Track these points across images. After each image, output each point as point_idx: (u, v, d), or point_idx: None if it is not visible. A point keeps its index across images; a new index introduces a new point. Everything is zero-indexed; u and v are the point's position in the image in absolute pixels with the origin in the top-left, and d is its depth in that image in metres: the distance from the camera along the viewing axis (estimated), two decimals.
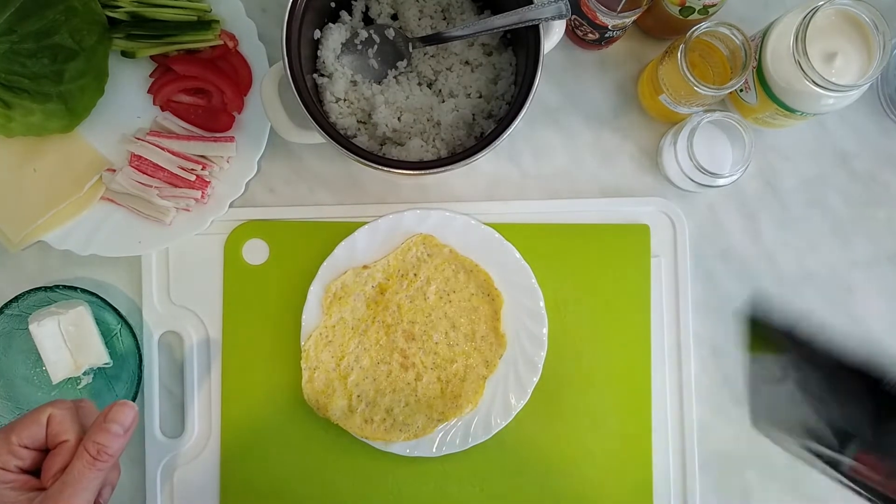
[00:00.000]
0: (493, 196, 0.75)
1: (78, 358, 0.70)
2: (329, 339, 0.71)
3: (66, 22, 0.65)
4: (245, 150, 0.72)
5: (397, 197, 0.75)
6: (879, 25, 0.61)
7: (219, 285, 0.73)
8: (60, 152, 0.72)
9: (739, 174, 0.68)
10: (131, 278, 0.74)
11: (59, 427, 0.51)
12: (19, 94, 0.65)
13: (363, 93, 0.69)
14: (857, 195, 0.75)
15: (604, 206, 0.74)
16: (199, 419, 0.73)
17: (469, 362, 0.71)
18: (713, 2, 0.65)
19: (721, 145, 0.72)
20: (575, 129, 0.76)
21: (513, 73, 0.70)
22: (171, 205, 0.71)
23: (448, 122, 0.68)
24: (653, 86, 0.70)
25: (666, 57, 0.67)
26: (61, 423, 0.51)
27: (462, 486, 0.72)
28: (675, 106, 0.69)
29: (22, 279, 0.74)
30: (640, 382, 0.72)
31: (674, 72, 0.65)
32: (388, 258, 0.71)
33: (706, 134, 0.71)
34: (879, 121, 0.76)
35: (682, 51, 0.63)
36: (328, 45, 0.68)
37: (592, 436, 0.72)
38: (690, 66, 0.63)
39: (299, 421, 0.72)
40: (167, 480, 0.72)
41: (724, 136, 0.72)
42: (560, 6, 0.60)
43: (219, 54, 0.72)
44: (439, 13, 0.71)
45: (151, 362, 0.73)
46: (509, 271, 0.71)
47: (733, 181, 0.69)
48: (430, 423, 0.70)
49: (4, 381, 0.70)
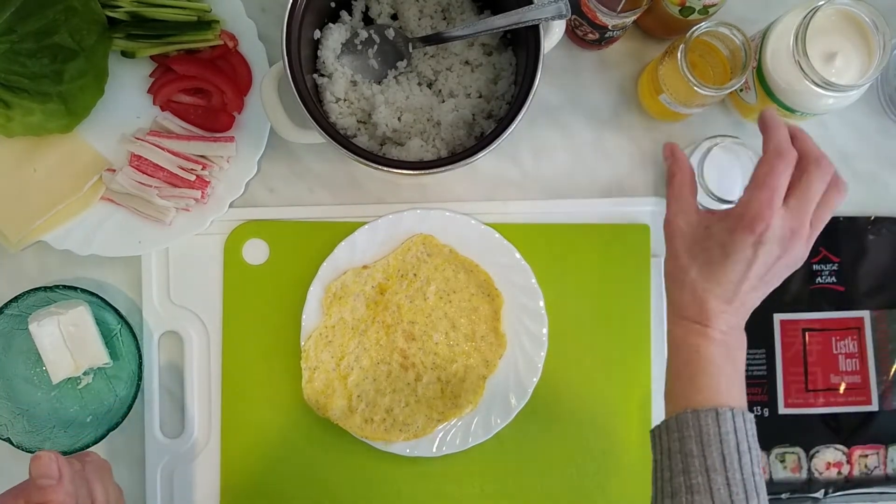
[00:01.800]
0: (493, 196, 0.75)
1: (78, 358, 0.70)
2: (329, 339, 0.71)
3: (65, 22, 0.65)
4: (245, 150, 0.72)
5: (397, 197, 0.75)
6: (879, 25, 0.61)
7: (219, 285, 0.73)
8: (60, 152, 0.72)
9: None
10: (131, 278, 0.74)
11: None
12: (19, 93, 0.65)
13: (363, 93, 0.69)
14: (858, 195, 0.75)
15: (604, 206, 0.74)
16: (199, 419, 0.73)
17: (469, 362, 0.71)
18: (713, 2, 0.65)
19: (731, 170, 0.71)
20: (575, 129, 0.76)
21: (513, 73, 0.70)
22: (171, 205, 0.71)
23: (448, 122, 0.68)
24: (653, 86, 0.70)
25: (666, 57, 0.67)
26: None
27: (462, 486, 0.72)
28: (675, 106, 0.69)
29: (22, 279, 0.74)
30: (639, 382, 0.72)
31: (674, 72, 0.65)
32: (388, 258, 0.71)
33: (716, 159, 0.70)
34: (880, 121, 0.76)
35: (682, 51, 0.63)
36: (328, 45, 0.68)
37: (592, 435, 0.72)
38: (690, 66, 0.63)
39: (299, 421, 0.72)
40: (167, 480, 0.72)
41: (733, 160, 0.71)
42: (560, 6, 0.60)
43: (219, 54, 0.72)
44: (439, 13, 0.71)
45: (151, 362, 0.73)
46: (509, 271, 0.71)
47: None
48: (429, 423, 0.70)
49: (4, 381, 0.70)
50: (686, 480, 0.53)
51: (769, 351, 0.73)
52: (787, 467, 0.72)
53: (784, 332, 0.73)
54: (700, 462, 0.52)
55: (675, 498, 0.53)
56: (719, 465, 0.52)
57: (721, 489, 0.51)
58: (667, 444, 0.55)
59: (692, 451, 0.53)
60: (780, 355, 0.73)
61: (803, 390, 0.73)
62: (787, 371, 0.73)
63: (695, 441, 0.53)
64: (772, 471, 0.72)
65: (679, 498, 0.53)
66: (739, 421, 0.53)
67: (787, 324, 0.73)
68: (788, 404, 0.72)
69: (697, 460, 0.52)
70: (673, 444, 0.54)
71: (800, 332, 0.73)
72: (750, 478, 0.52)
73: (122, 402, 0.70)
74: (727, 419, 0.53)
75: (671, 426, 0.55)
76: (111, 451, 0.73)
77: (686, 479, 0.53)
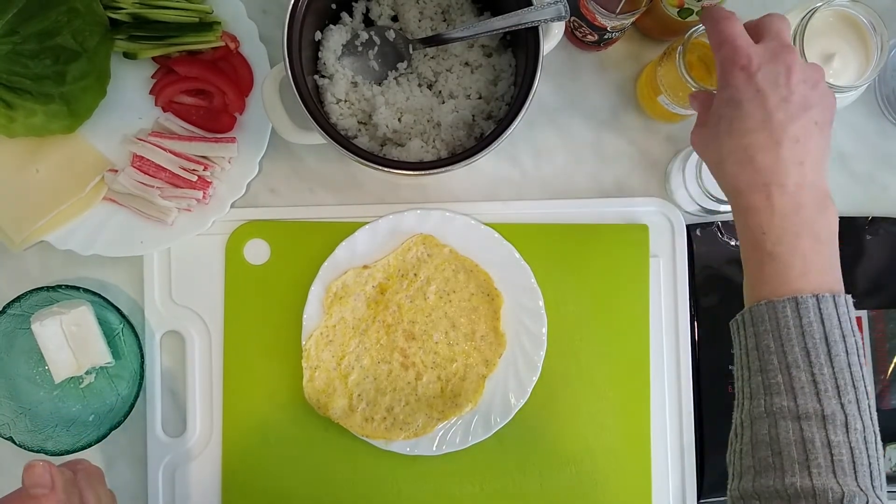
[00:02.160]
0: (493, 196, 0.75)
1: (80, 357, 0.70)
2: (330, 338, 0.71)
3: (68, 23, 0.65)
4: (246, 151, 0.73)
5: (397, 197, 0.75)
6: (877, 27, 0.62)
7: (220, 285, 0.73)
8: (62, 153, 0.72)
9: None
10: (133, 278, 0.74)
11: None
12: (21, 94, 0.66)
13: (364, 94, 0.69)
14: (855, 196, 0.76)
15: (603, 206, 0.75)
16: (200, 418, 0.73)
17: (469, 362, 0.71)
18: (711, 3, 0.66)
19: None
20: (574, 130, 0.76)
21: (512, 74, 0.70)
22: (173, 205, 0.71)
23: (448, 123, 0.69)
24: (651, 87, 0.71)
25: (664, 58, 0.67)
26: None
27: (462, 485, 0.72)
28: (674, 107, 0.69)
29: (24, 279, 0.74)
30: (638, 381, 0.73)
31: (672, 73, 0.65)
32: (389, 258, 0.72)
33: None
34: (877, 122, 0.76)
35: (680, 52, 0.63)
36: (329, 47, 0.68)
37: (591, 434, 0.72)
38: (689, 67, 0.63)
39: (300, 420, 0.72)
40: (169, 479, 0.73)
41: None
42: (559, 8, 0.61)
43: (220, 55, 0.72)
44: (439, 15, 0.72)
45: (153, 362, 0.73)
46: (509, 271, 0.71)
47: None
48: (430, 422, 0.70)
49: (7, 380, 0.71)
50: (764, 380, 0.47)
51: None
52: None
53: None
54: (779, 359, 0.46)
55: (754, 399, 0.47)
56: (802, 360, 0.45)
57: (805, 388, 0.45)
58: (743, 339, 0.49)
59: (769, 346, 0.47)
60: None
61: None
62: None
63: (772, 336, 0.47)
64: None
65: (758, 399, 0.47)
66: (828, 307, 0.46)
67: None
68: None
69: (776, 357, 0.46)
70: (749, 339, 0.48)
71: None
72: (844, 370, 0.45)
73: (123, 402, 0.70)
74: (809, 308, 0.46)
75: (745, 320, 0.49)
76: (113, 450, 0.73)
77: (764, 378, 0.47)
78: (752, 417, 0.48)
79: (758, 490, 0.46)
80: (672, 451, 0.73)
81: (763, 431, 0.47)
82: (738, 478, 0.48)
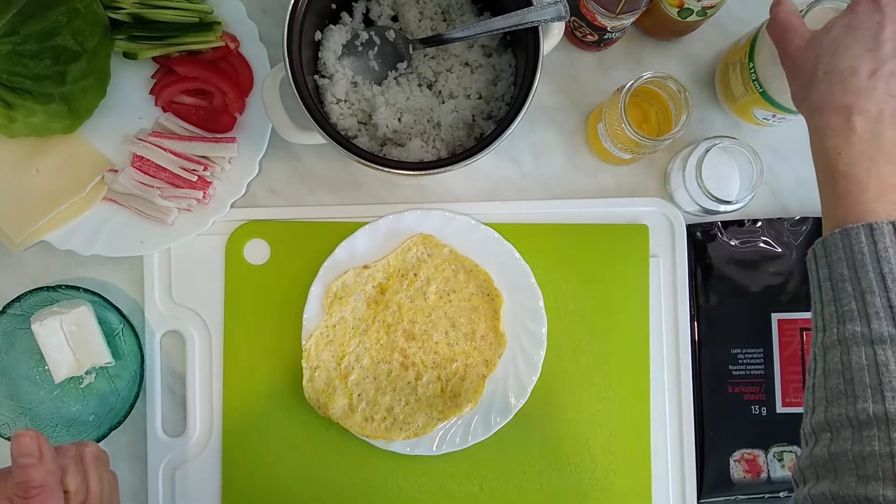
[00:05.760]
0: (493, 196, 0.75)
1: (80, 357, 0.70)
2: (330, 338, 0.71)
3: (68, 23, 0.65)
4: (246, 151, 0.73)
5: (397, 197, 0.75)
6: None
7: (220, 285, 0.73)
8: (63, 153, 0.72)
9: (747, 201, 0.68)
10: (133, 278, 0.74)
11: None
12: (22, 94, 0.66)
13: (364, 94, 0.69)
14: None
15: (603, 206, 0.75)
16: (200, 418, 0.73)
17: (469, 361, 0.71)
18: (711, 3, 0.66)
19: (729, 171, 0.72)
20: (574, 130, 0.76)
21: (512, 74, 0.70)
22: (173, 205, 0.72)
23: (448, 123, 0.69)
24: (596, 129, 0.71)
25: (609, 104, 0.67)
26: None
27: (462, 485, 0.72)
28: (616, 150, 0.69)
29: (24, 279, 0.74)
30: (638, 381, 0.73)
31: (615, 119, 0.65)
32: (389, 258, 0.72)
33: (714, 160, 0.70)
34: None
35: (622, 100, 0.63)
36: (329, 47, 0.68)
37: (591, 434, 0.72)
38: (636, 110, 0.62)
39: (300, 420, 0.72)
40: (169, 479, 0.73)
41: (731, 161, 0.72)
42: (559, 8, 0.61)
43: (220, 55, 0.72)
44: (439, 15, 0.72)
45: (153, 361, 0.73)
46: (509, 271, 0.71)
47: (741, 207, 0.68)
48: (430, 422, 0.70)
49: (7, 380, 0.71)
50: (837, 308, 0.45)
51: (767, 350, 0.73)
52: (785, 466, 0.72)
53: (782, 332, 0.73)
54: (854, 286, 0.44)
55: (827, 330, 0.45)
56: (877, 285, 0.43)
57: (880, 312, 0.43)
58: (816, 272, 0.47)
59: (843, 274, 0.45)
60: (777, 355, 0.73)
61: (801, 389, 0.73)
62: (785, 370, 0.73)
63: (846, 263, 0.45)
64: (770, 469, 0.72)
65: (830, 329, 0.45)
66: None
67: (785, 323, 0.73)
68: (786, 403, 0.73)
69: (850, 284, 0.44)
70: (822, 270, 0.46)
71: (797, 332, 0.73)
72: None
73: (124, 401, 0.70)
74: (884, 233, 0.44)
75: (818, 252, 0.47)
76: (113, 449, 0.73)
77: (837, 307, 0.45)
78: (824, 348, 0.46)
79: (829, 420, 0.44)
80: (672, 451, 0.73)
81: (835, 360, 0.45)
82: (811, 412, 0.46)
